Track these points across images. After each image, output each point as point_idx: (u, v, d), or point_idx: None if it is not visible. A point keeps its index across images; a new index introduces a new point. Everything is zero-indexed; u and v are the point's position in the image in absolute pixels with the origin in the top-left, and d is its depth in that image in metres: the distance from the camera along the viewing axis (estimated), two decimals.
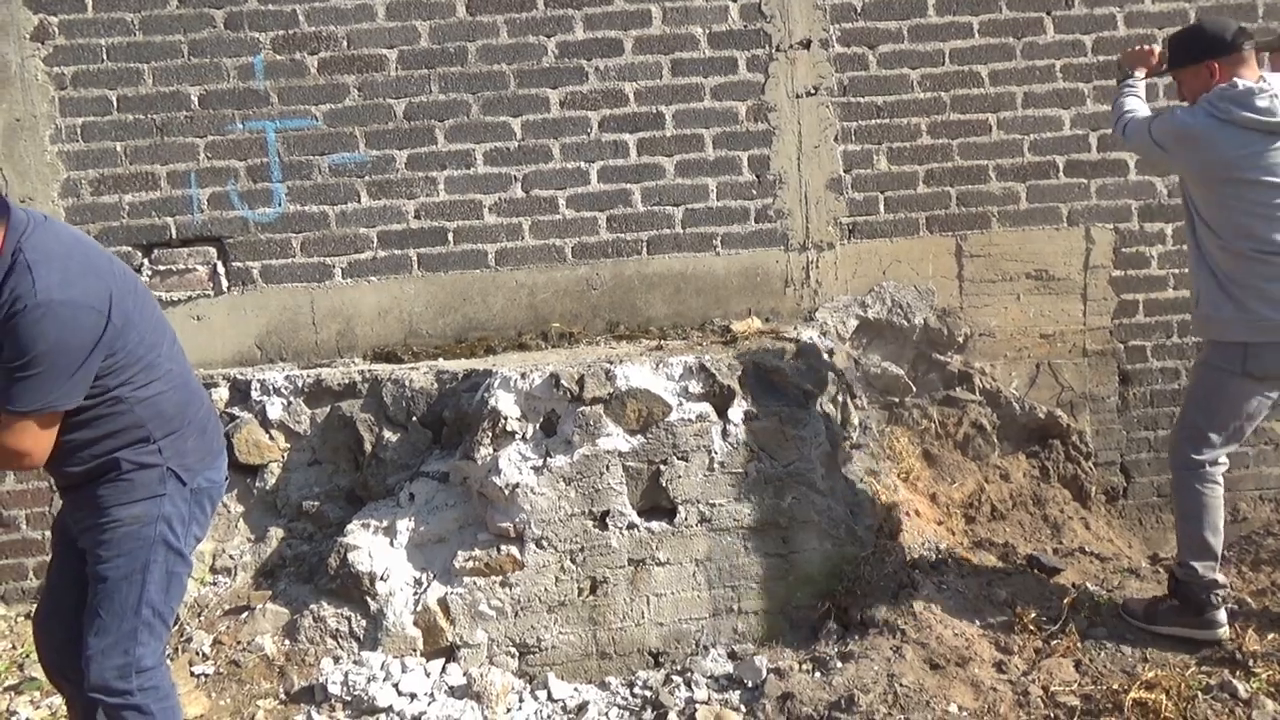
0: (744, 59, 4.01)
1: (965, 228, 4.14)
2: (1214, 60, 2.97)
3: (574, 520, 3.34)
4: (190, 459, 2.24)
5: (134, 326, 2.13)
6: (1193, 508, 3.07)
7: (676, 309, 4.07)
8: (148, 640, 2.18)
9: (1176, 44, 3.12)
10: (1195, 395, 3.11)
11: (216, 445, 2.36)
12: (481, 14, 3.90)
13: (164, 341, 2.23)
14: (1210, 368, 3.05)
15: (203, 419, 2.31)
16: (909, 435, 3.97)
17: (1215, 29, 3.03)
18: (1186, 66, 3.06)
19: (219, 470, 2.36)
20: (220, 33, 3.82)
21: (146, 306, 2.22)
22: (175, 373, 2.24)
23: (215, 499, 2.34)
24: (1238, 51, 2.97)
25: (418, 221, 3.95)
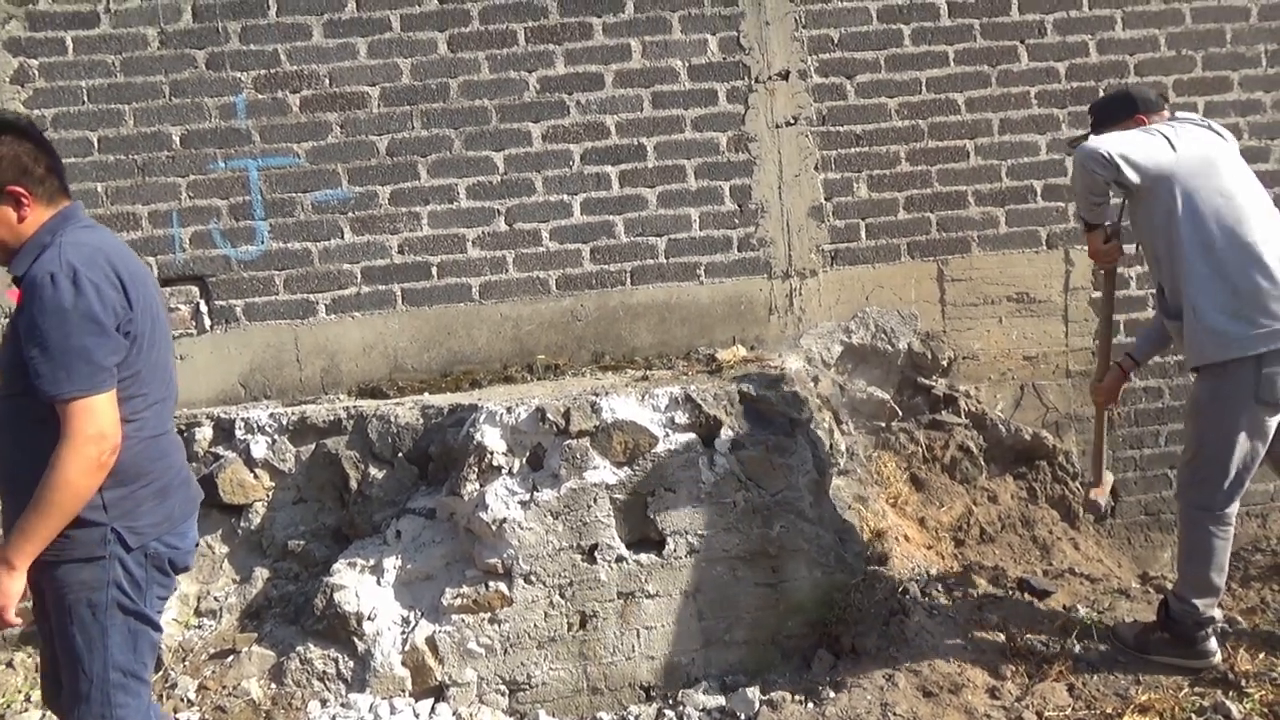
0: (724, 90, 4.05)
1: (946, 252, 4.17)
2: (1141, 115, 3.06)
3: (562, 554, 3.31)
4: (142, 521, 2.09)
5: (140, 355, 2.06)
6: (1204, 549, 2.96)
7: (662, 338, 4.08)
8: (125, 700, 2.10)
9: (1104, 109, 3.16)
10: (1206, 437, 2.95)
11: (180, 511, 2.20)
12: (463, 50, 3.93)
13: (157, 392, 2.13)
14: (1220, 399, 2.90)
15: (166, 481, 2.16)
16: (896, 460, 3.97)
17: (1141, 92, 3.17)
18: (1117, 124, 3.07)
19: (183, 537, 2.21)
20: (202, 73, 3.83)
21: (160, 348, 2.16)
22: (150, 426, 2.11)
23: (179, 564, 2.20)
24: (1160, 110, 3.10)
25: (401, 256, 3.96)
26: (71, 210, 2.12)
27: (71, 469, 1.93)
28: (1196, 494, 2.98)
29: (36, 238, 2.05)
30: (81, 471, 1.93)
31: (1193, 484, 3.00)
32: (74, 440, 1.93)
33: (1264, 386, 2.83)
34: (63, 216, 2.09)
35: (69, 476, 1.93)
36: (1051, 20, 4.18)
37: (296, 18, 3.85)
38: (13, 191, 2.02)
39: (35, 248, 2.03)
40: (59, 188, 2.12)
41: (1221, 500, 2.94)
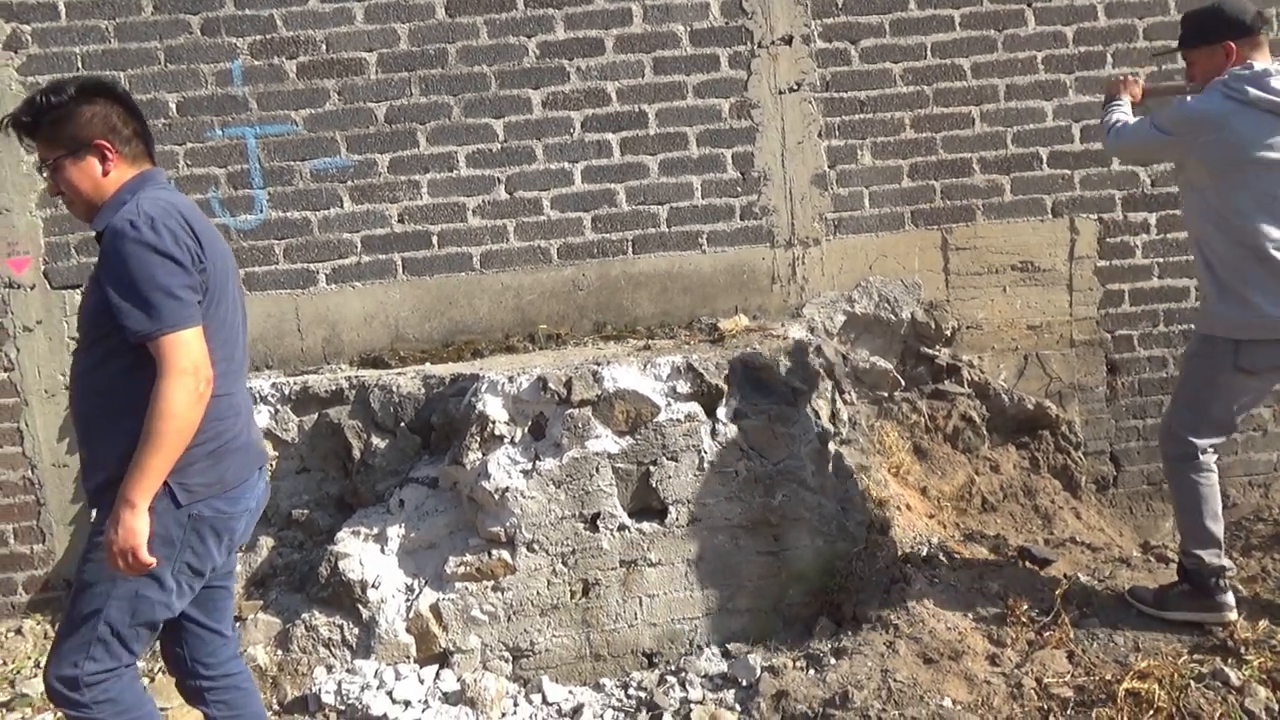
0: (726, 56, 4.00)
1: (950, 221, 4.14)
2: (1231, 40, 2.91)
3: (564, 523, 3.32)
4: (193, 479, 2.09)
5: (209, 311, 2.10)
6: (1190, 498, 3.05)
7: (663, 308, 4.06)
8: (101, 657, 2.09)
9: (1193, 23, 3.03)
10: (1186, 388, 3.09)
11: (233, 476, 2.18)
12: (461, 15, 3.88)
13: (220, 351, 2.14)
14: (1201, 359, 3.02)
15: (224, 443, 2.15)
16: (898, 429, 3.97)
17: (1235, 10, 2.95)
18: (1201, 46, 2.98)
19: (234, 502, 2.19)
20: (197, 39, 3.78)
21: (228, 309, 2.19)
22: (219, 385, 2.11)
23: (223, 532, 2.18)
24: (1255, 34, 2.92)
25: (401, 225, 3.93)
26: (152, 173, 2.21)
27: (174, 400, 1.96)
28: (1174, 444, 3.07)
29: (118, 195, 2.13)
30: (184, 403, 1.97)
31: (1170, 436, 3.09)
32: (170, 373, 1.97)
33: (1243, 356, 2.91)
34: (143, 178, 2.17)
35: (172, 408, 1.96)
36: None
37: None
38: (99, 145, 2.12)
39: (116, 204, 2.11)
40: (144, 151, 2.22)
41: (1192, 450, 3.02)
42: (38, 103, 2.11)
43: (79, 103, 2.12)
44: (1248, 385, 2.97)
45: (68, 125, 2.11)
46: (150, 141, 2.26)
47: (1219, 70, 2.93)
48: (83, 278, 3.79)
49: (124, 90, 2.23)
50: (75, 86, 2.13)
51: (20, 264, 3.76)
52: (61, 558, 3.83)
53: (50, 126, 2.11)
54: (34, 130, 2.13)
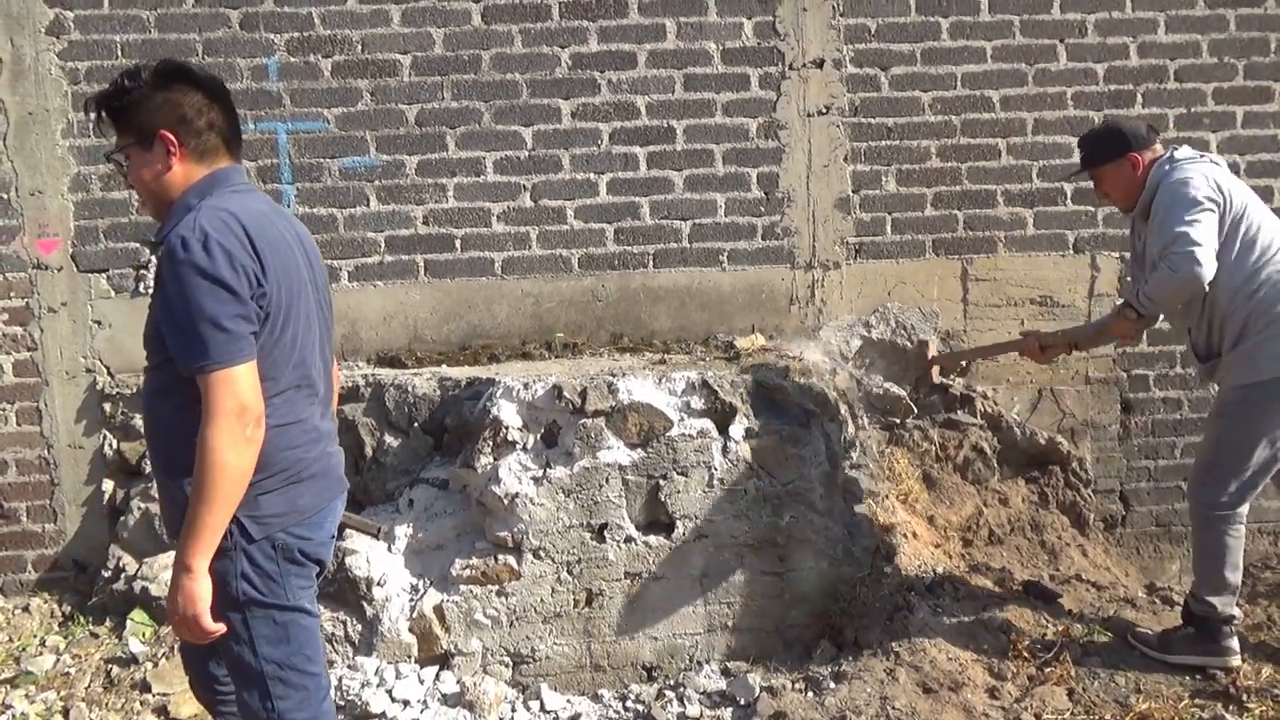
0: (756, 76, 4.02)
1: (971, 251, 4.15)
2: (1133, 152, 3.12)
3: (572, 532, 3.34)
4: (265, 512, 1.96)
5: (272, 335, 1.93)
6: (1217, 547, 3.07)
7: (681, 323, 4.08)
8: (285, 693, 2.01)
9: (1094, 144, 3.23)
10: (1227, 438, 3.05)
11: (311, 503, 2.04)
12: (496, 23, 3.92)
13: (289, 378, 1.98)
14: (1243, 407, 3.00)
15: (295, 473, 2.01)
16: (909, 457, 3.97)
17: (1130, 127, 3.19)
18: (1106, 164, 3.17)
19: (316, 528, 2.06)
20: (235, 33, 3.83)
21: (298, 329, 2.00)
22: (278, 415, 1.96)
23: (311, 555, 2.05)
24: (1152, 144, 3.14)
25: (426, 227, 3.96)
26: (225, 173, 2.01)
27: (219, 448, 1.81)
28: (1208, 493, 3.08)
29: (183, 199, 1.96)
30: (229, 448, 1.81)
31: (1205, 484, 3.10)
32: (215, 416, 1.81)
33: None
34: (213, 179, 1.98)
35: (218, 457, 1.80)
36: (1093, 20, 4.12)
37: None
38: (162, 137, 1.93)
39: (180, 210, 1.93)
40: (221, 147, 2.01)
41: (1232, 500, 3.05)
42: (115, 85, 1.95)
43: (154, 88, 1.94)
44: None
45: (138, 112, 1.94)
46: (235, 135, 2.05)
47: (1130, 180, 3.13)
48: (109, 262, 3.84)
49: (210, 76, 2.01)
50: (152, 70, 1.95)
51: (50, 245, 3.81)
52: (72, 538, 3.86)
53: (122, 112, 1.95)
54: (112, 115, 1.97)
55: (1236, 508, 3.06)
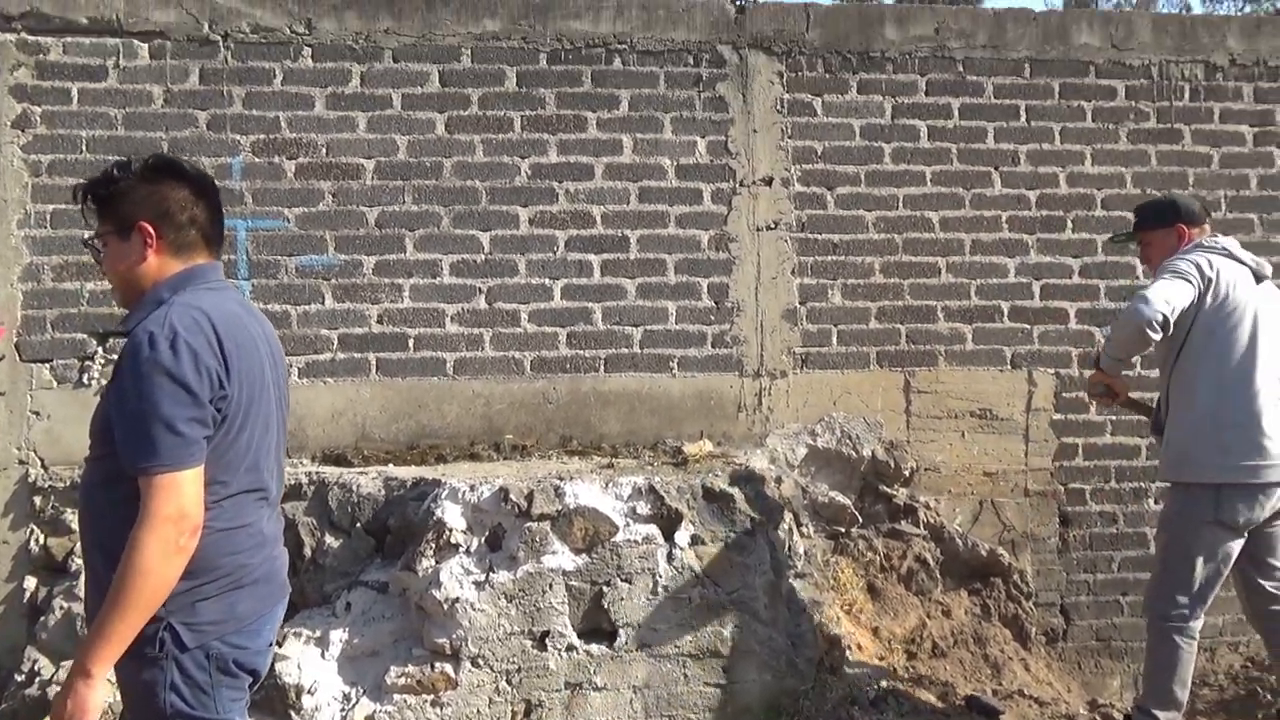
0: (709, 191, 4.19)
1: (914, 364, 4.27)
2: (1185, 226, 3.30)
3: (513, 639, 3.28)
4: (201, 618, 1.86)
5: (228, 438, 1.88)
6: (1168, 660, 3.13)
7: (630, 427, 4.11)
8: None
9: (1150, 210, 3.45)
10: (1173, 550, 3.17)
11: (250, 610, 1.95)
12: (459, 133, 4.05)
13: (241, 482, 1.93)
14: (1183, 519, 3.13)
15: (237, 579, 1.92)
16: (854, 567, 3.99)
17: (1185, 201, 3.42)
18: (1158, 229, 3.36)
19: (253, 636, 1.96)
20: (202, 133, 3.91)
21: (255, 433, 1.95)
22: (226, 517, 1.90)
23: (246, 665, 1.95)
24: (1202, 223, 3.34)
25: (380, 326, 4.00)
26: (202, 269, 1.98)
27: (147, 554, 1.73)
28: (1160, 605, 3.17)
29: (155, 292, 1.93)
30: (158, 555, 1.74)
31: (1158, 595, 3.19)
32: (151, 520, 1.74)
33: (1224, 509, 3.03)
34: (189, 274, 1.95)
35: (145, 563, 1.73)
36: (1025, 150, 4.37)
37: (301, 88, 3.96)
38: (140, 228, 1.92)
39: (151, 303, 1.90)
40: (201, 243, 1.99)
41: (1184, 613, 3.12)
42: (104, 174, 1.96)
43: (141, 180, 1.94)
44: (1227, 542, 3.08)
45: (122, 202, 1.93)
46: (217, 233, 2.03)
47: (1172, 250, 3.26)
48: (54, 352, 3.80)
49: (200, 173, 2.01)
50: (143, 163, 1.96)
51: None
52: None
53: (107, 201, 1.95)
54: (97, 203, 1.97)
55: (1190, 620, 3.13)
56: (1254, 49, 4.50)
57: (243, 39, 3.92)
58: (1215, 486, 3.06)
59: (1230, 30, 4.54)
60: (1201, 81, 4.47)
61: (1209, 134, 4.47)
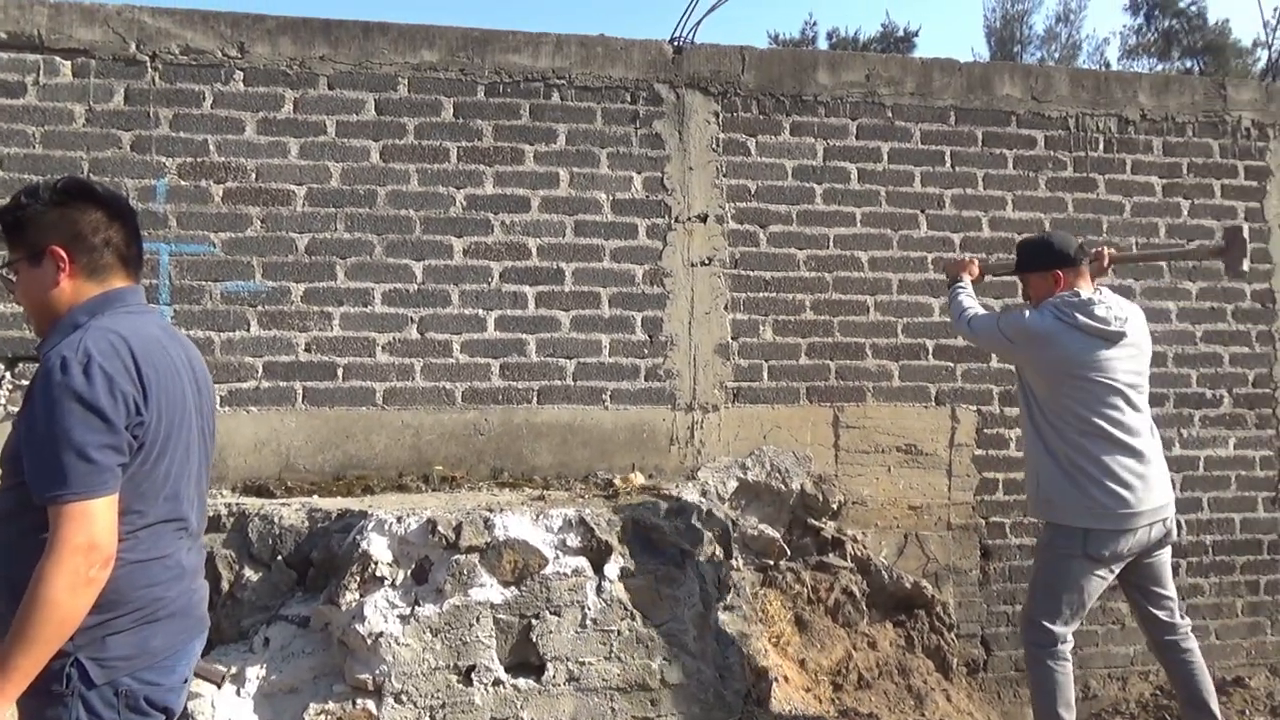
0: (644, 226, 4.23)
1: (842, 400, 4.36)
2: (1059, 270, 3.40)
3: (438, 674, 3.22)
4: (110, 654, 1.80)
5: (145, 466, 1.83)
6: (1046, 684, 3.25)
7: (562, 459, 4.10)
8: None
9: (1027, 251, 3.55)
10: (1041, 576, 3.34)
11: (164, 645, 1.89)
12: (394, 161, 4.03)
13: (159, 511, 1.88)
14: (1053, 550, 3.29)
15: (150, 612, 1.87)
16: (782, 599, 4.02)
17: (1061, 243, 3.49)
18: (1034, 272, 3.49)
19: (168, 673, 1.90)
20: (125, 153, 3.82)
21: (175, 462, 1.90)
22: (142, 549, 1.85)
23: (158, 703, 1.89)
24: (1079, 265, 3.44)
25: (307, 354, 3.93)
26: (120, 293, 1.93)
27: (55, 585, 1.67)
28: (1031, 631, 3.30)
29: (70, 316, 1.88)
30: (66, 588, 1.67)
31: (1030, 623, 3.32)
32: (60, 550, 1.68)
33: (1091, 545, 3.20)
34: (106, 298, 1.90)
35: (53, 594, 1.67)
36: (950, 195, 4.52)
37: (231, 112, 3.90)
38: (52, 253, 1.87)
39: (66, 328, 1.86)
40: (117, 266, 1.94)
41: (1052, 637, 3.25)
42: (12, 200, 1.91)
43: (51, 204, 1.89)
44: (1095, 573, 3.22)
45: (31, 227, 1.89)
46: (135, 255, 1.98)
47: (1050, 292, 3.42)
48: None
49: (114, 195, 1.97)
50: (53, 187, 1.91)
51: None
52: None
53: (15, 227, 1.90)
54: (5, 229, 1.92)
55: (1058, 644, 3.26)
56: (1163, 105, 4.75)
57: (171, 60, 3.86)
58: (1083, 529, 3.21)
59: (1141, 87, 4.79)
60: (1115, 134, 4.69)
61: (1121, 184, 4.69)
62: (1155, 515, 3.23)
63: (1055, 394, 3.28)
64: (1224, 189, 4.78)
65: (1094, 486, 3.20)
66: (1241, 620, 4.63)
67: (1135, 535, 3.21)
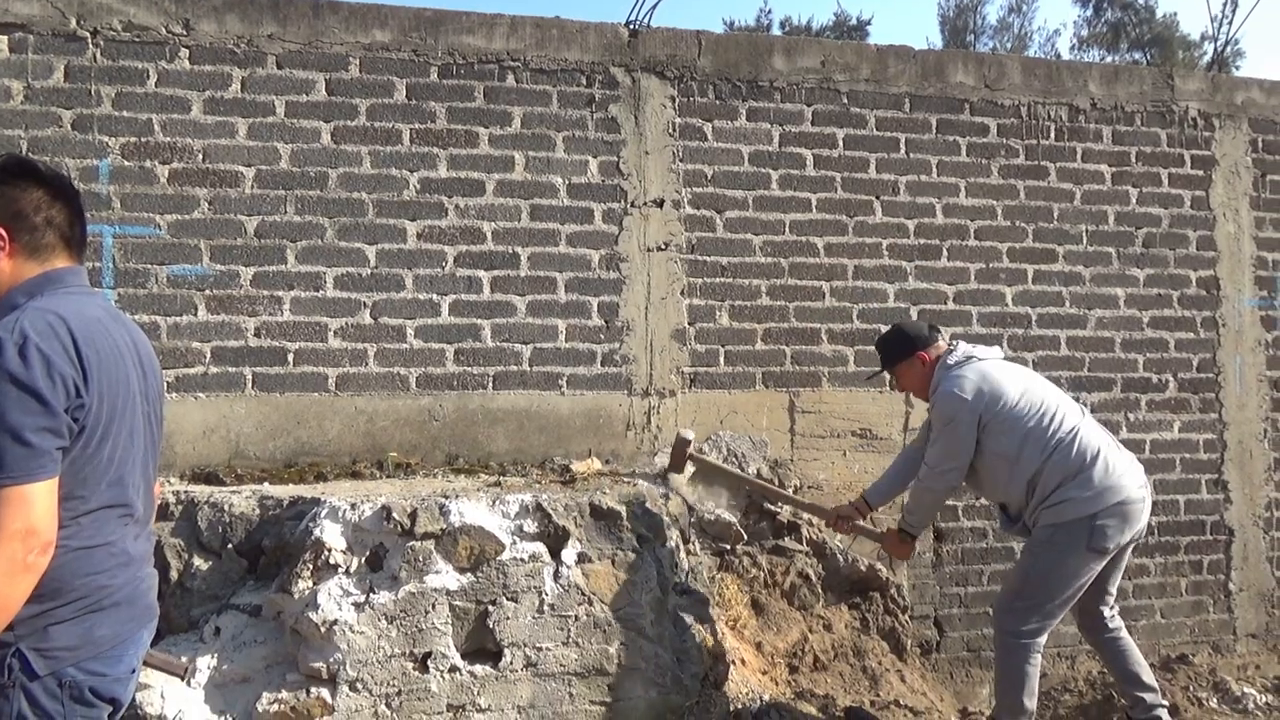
0: (600, 211, 4.21)
1: (798, 385, 4.38)
2: (920, 351, 3.55)
3: (393, 661, 3.19)
4: (53, 643, 1.76)
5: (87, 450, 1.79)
6: (1017, 674, 3.29)
7: (519, 445, 4.08)
8: None
9: (887, 347, 3.67)
10: (1035, 570, 3.32)
11: (110, 634, 1.85)
12: (346, 143, 3.96)
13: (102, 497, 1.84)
14: (1053, 546, 3.28)
15: (95, 600, 1.83)
16: (738, 583, 4.04)
17: (913, 330, 3.65)
18: (900, 362, 3.61)
19: (114, 663, 1.86)
20: (66, 132, 3.71)
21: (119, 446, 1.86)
22: (84, 535, 1.81)
23: (104, 694, 1.85)
24: (935, 342, 3.58)
25: (257, 340, 3.85)
26: (60, 273, 1.89)
27: None
28: (1012, 621, 3.32)
29: (9, 297, 1.83)
30: (4, 574, 1.63)
31: (1012, 613, 3.34)
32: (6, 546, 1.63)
33: (1096, 536, 3.22)
34: (46, 278, 1.86)
35: None
36: (904, 181, 4.56)
37: (177, 91, 3.81)
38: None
39: (3, 308, 1.81)
40: (59, 246, 1.90)
41: (1034, 629, 3.29)
42: None
43: None
44: (1092, 568, 3.26)
45: None
46: (78, 236, 1.94)
47: (920, 375, 3.55)
48: None
49: (56, 174, 1.92)
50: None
51: None
52: None
53: None
54: None
55: (1037, 637, 3.30)
56: (1113, 94, 4.83)
57: (114, 37, 3.75)
58: (1090, 516, 3.24)
59: (1092, 76, 4.87)
60: (1065, 123, 4.76)
61: (1072, 171, 4.76)
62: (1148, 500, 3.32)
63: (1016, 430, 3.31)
64: (1171, 178, 4.88)
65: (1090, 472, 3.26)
66: (1185, 599, 4.75)
67: (1133, 516, 3.27)
